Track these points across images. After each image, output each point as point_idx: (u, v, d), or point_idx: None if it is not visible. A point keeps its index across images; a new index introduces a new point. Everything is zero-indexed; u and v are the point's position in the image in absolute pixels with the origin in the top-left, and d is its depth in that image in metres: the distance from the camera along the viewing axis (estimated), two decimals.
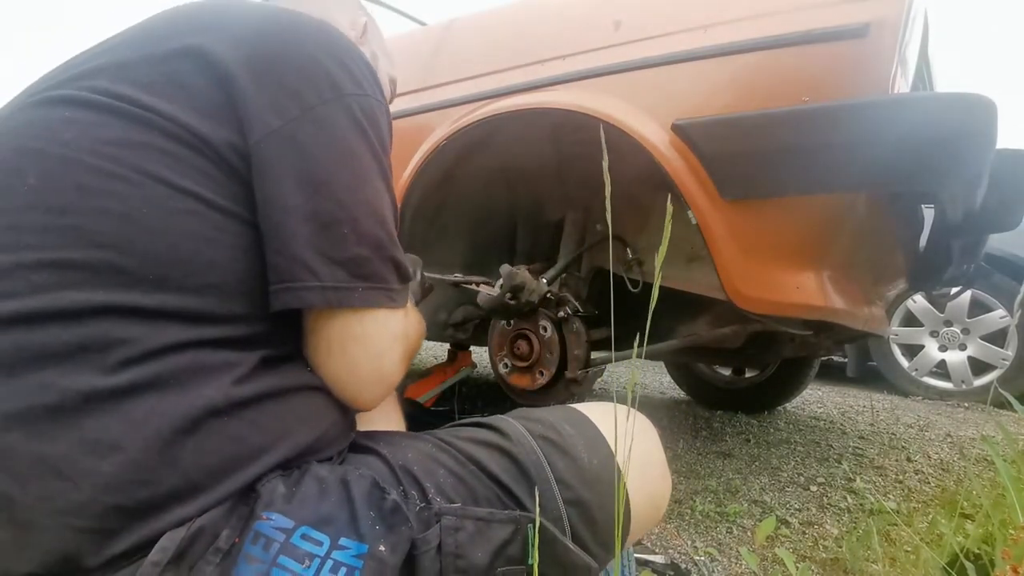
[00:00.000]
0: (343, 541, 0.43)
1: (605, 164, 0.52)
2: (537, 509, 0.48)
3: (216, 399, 0.43)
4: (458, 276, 1.20)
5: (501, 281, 1.18)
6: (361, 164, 0.50)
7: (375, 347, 0.51)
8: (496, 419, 0.58)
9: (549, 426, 0.56)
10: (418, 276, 0.86)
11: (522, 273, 1.18)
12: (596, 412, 0.60)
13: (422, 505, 0.47)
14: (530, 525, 0.48)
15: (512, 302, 1.20)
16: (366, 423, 0.73)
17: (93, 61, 0.49)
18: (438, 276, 1.16)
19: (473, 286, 1.15)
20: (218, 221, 0.45)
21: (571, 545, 0.50)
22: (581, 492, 0.52)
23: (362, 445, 0.55)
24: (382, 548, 0.43)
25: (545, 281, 1.24)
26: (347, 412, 0.55)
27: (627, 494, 0.53)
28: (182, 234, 0.44)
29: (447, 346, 2.22)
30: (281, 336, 0.50)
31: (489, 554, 0.46)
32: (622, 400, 0.58)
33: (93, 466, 0.38)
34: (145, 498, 0.39)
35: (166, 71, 0.47)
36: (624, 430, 0.55)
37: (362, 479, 0.47)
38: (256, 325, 0.48)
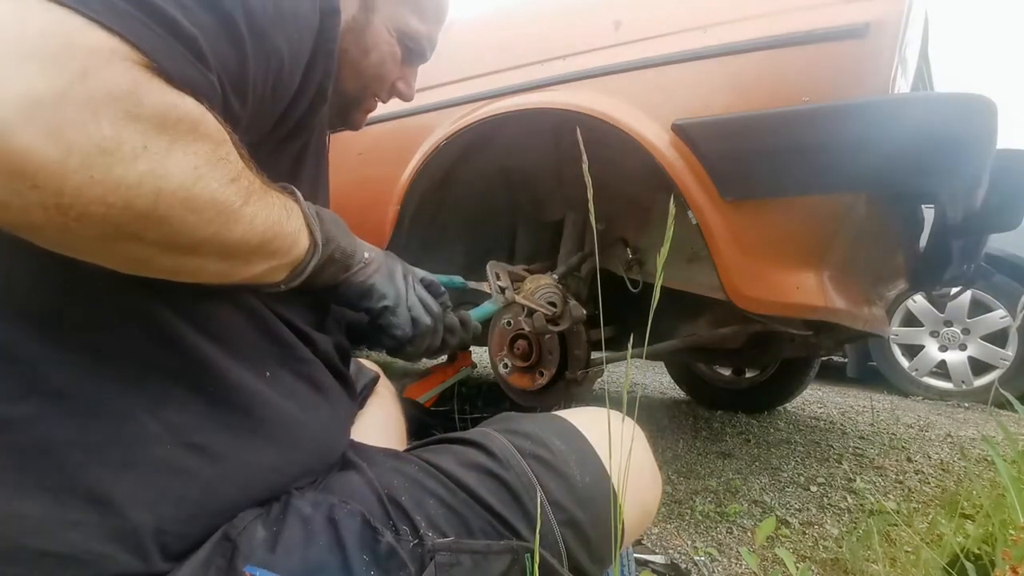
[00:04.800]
0: None
1: (585, 166, 0.51)
2: (537, 540, 0.46)
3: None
4: (525, 300, 1.01)
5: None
6: None
7: None
8: (483, 435, 0.55)
9: (539, 442, 0.53)
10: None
11: (578, 306, 1.15)
12: (583, 419, 0.58)
13: (415, 542, 0.44)
14: (527, 554, 0.46)
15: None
16: (361, 432, 0.70)
17: None
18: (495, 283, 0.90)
19: (535, 307, 1.06)
20: None
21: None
22: (575, 512, 0.50)
23: (345, 456, 0.52)
24: None
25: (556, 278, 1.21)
26: (331, 428, 0.51)
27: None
28: None
29: None
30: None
31: None
32: (616, 401, 0.57)
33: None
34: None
35: None
36: (617, 441, 0.53)
37: (351, 517, 0.43)
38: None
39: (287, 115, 0.44)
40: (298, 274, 0.44)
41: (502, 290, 0.83)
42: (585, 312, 1.16)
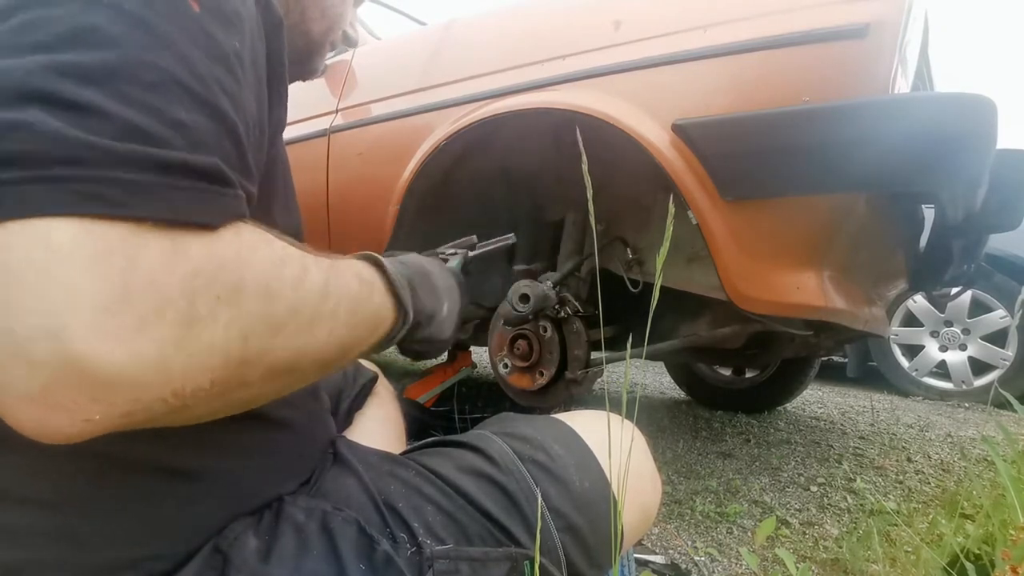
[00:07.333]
0: None
1: (585, 167, 0.51)
2: (537, 547, 0.45)
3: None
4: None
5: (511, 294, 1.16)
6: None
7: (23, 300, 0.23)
8: (481, 439, 0.54)
9: (538, 447, 0.53)
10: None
11: (539, 287, 1.16)
12: (582, 423, 0.58)
13: (413, 550, 0.43)
14: (526, 561, 0.46)
15: (531, 316, 1.19)
16: (359, 433, 0.70)
17: None
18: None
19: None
20: None
21: None
22: (574, 518, 0.50)
23: (340, 458, 0.51)
24: None
25: (551, 284, 1.23)
26: (311, 437, 0.50)
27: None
28: None
29: None
30: None
31: None
32: (616, 401, 0.57)
33: None
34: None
35: None
36: (617, 445, 0.53)
37: (346, 525, 0.42)
38: None
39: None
40: (380, 348, 0.43)
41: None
42: (554, 294, 1.18)
